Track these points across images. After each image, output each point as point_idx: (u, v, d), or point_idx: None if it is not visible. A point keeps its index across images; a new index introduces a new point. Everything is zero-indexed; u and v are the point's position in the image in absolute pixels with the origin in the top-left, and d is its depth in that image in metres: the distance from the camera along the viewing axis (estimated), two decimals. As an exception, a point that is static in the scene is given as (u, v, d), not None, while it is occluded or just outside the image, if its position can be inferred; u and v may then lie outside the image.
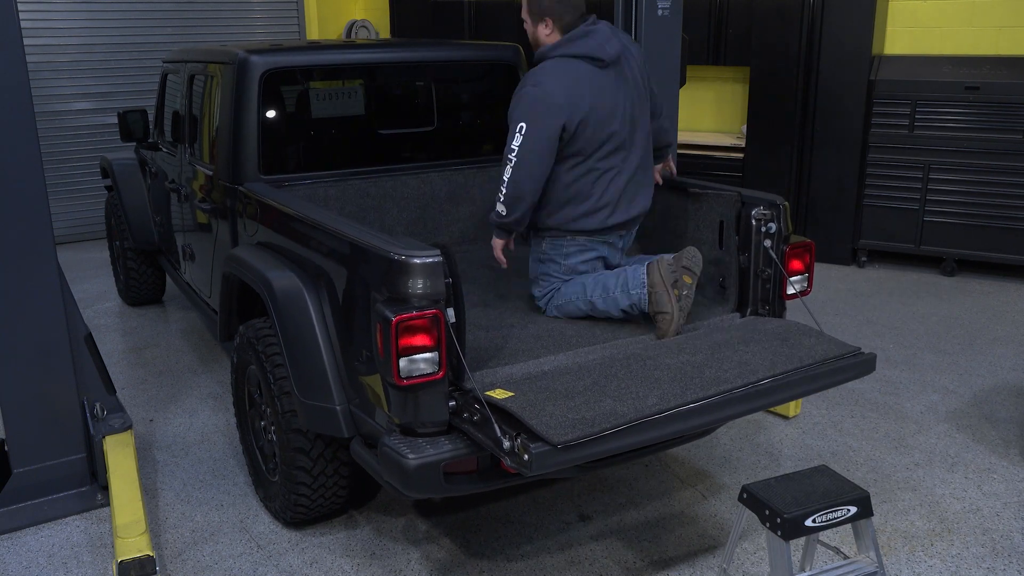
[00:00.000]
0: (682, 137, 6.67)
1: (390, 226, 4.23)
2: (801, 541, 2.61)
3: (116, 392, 3.82)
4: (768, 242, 3.34)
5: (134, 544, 3.01)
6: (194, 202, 4.51)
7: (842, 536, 3.31)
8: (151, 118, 5.63)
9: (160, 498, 3.74)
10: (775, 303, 3.42)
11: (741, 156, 7.38)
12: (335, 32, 9.67)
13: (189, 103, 4.67)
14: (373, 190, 4.21)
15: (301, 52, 4.23)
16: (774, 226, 3.32)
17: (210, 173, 4.22)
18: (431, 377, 2.61)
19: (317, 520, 3.49)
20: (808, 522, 2.43)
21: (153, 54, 8.19)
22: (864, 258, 7.06)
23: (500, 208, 3.33)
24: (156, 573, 2.95)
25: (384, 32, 9.89)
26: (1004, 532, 3.40)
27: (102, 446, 3.60)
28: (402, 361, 2.56)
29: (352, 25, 9.62)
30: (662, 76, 4.86)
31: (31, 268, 3.39)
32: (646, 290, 3.21)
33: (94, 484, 3.68)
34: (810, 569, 2.65)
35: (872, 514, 2.52)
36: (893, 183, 6.79)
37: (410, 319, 2.55)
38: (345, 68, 4.39)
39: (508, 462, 2.47)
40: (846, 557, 2.65)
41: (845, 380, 3.02)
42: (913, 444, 4.11)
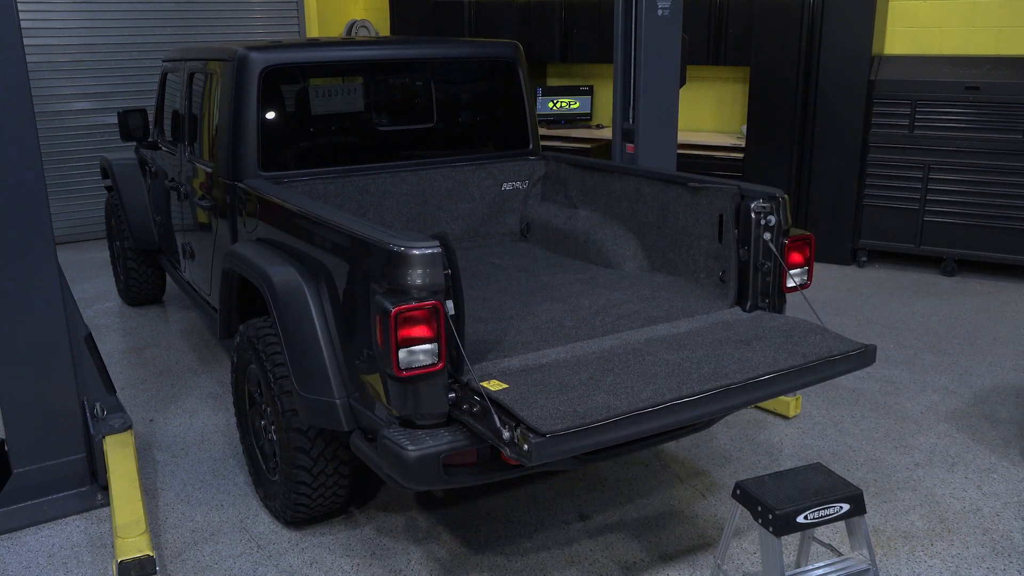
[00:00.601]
0: (682, 137, 6.68)
1: (389, 222, 4.24)
2: (796, 539, 2.61)
3: (116, 392, 3.82)
4: (768, 235, 3.34)
5: (134, 544, 3.02)
6: (194, 200, 4.51)
7: (842, 536, 3.32)
8: (151, 117, 5.64)
9: (160, 498, 3.74)
10: (775, 296, 3.42)
11: (741, 156, 7.39)
12: (335, 31, 9.66)
13: (189, 101, 4.67)
14: (372, 187, 4.22)
15: (301, 49, 4.23)
16: (773, 219, 3.32)
17: (210, 170, 4.22)
18: (430, 369, 2.61)
19: (317, 519, 3.48)
20: (800, 518, 2.43)
21: (153, 54, 8.21)
22: (864, 258, 7.06)
23: None
24: (156, 573, 2.95)
25: (384, 32, 9.89)
26: (1004, 532, 3.40)
27: (102, 446, 3.60)
28: (401, 352, 2.57)
29: (352, 25, 9.62)
30: (662, 76, 4.88)
31: (31, 268, 3.39)
32: None
33: (94, 484, 3.68)
34: (805, 566, 2.65)
35: (865, 512, 2.53)
36: (893, 183, 6.79)
37: (409, 310, 2.56)
38: (345, 65, 4.39)
39: (508, 453, 2.46)
40: (840, 555, 2.65)
41: (844, 372, 3.00)
42: (913, 444, 4.11)
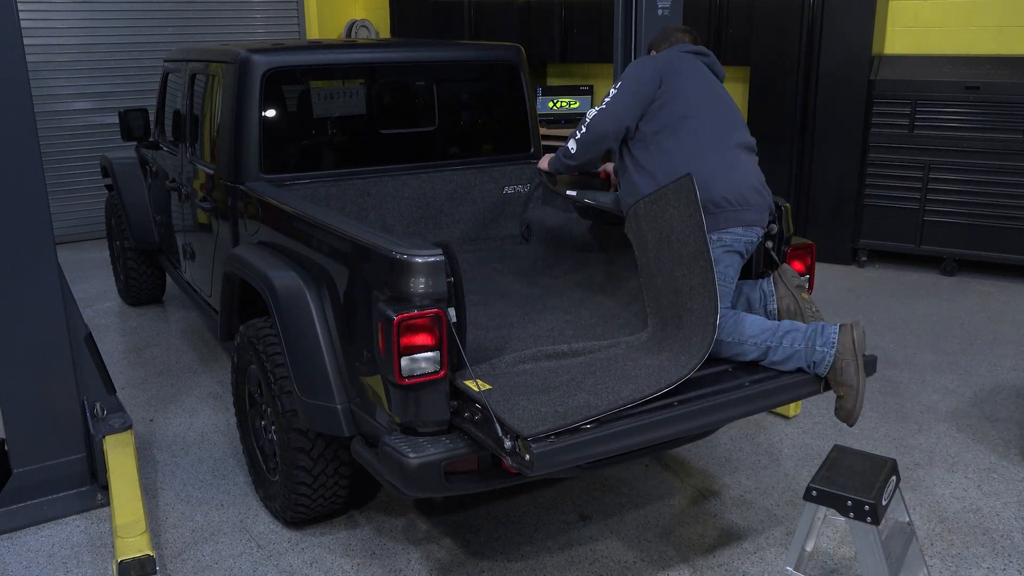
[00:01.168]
0: (682, 137, 6.68)
1: (391, 226, 4.23)
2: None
3: (116, 392, 3.82)
4: (769, 243, 3.35)
5: (134, 544, 3.01)
6: (195, 201, 4.51)
7: (842, 536, 3.32)
8: (152, 117, 5.63)
9: (160, 498, 3.74)
10: None
11: (741, 156, 7.38)
12: (335, 32, 9.66)
13: (190, 102, 4.67)
14: (374, 190, 4.21)
15: (303, 52, 4.23)
16: (775, 227, 3.33)
17: (211, 172, 4.22)
18: (432, 376, 2.62)
19: (317, 520, 3.48)
20: (884, 501, 2.46)
21: (153, 54, 8.19)
22: (864, 258, 7.06)
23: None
24: (156, 573, 2.95)
25: (384, 32, 9.89)
26: (1004, 532, 3.40)
27: (102, 446, 3.60)
28: (404, 360, 2.57)
29: (352, 25, 9.62)
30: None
31: (31, 268, 3.38)
32: (833, 351, 2.83)
33: (94, 484, 3.68)
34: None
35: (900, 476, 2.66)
36: (893, 183, 6.79)
37: (412, 318, 2.56)
38: (347, 68, 4.39)
39: (509, 462, 2.47)
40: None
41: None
42: (913, 444, 4.11)
